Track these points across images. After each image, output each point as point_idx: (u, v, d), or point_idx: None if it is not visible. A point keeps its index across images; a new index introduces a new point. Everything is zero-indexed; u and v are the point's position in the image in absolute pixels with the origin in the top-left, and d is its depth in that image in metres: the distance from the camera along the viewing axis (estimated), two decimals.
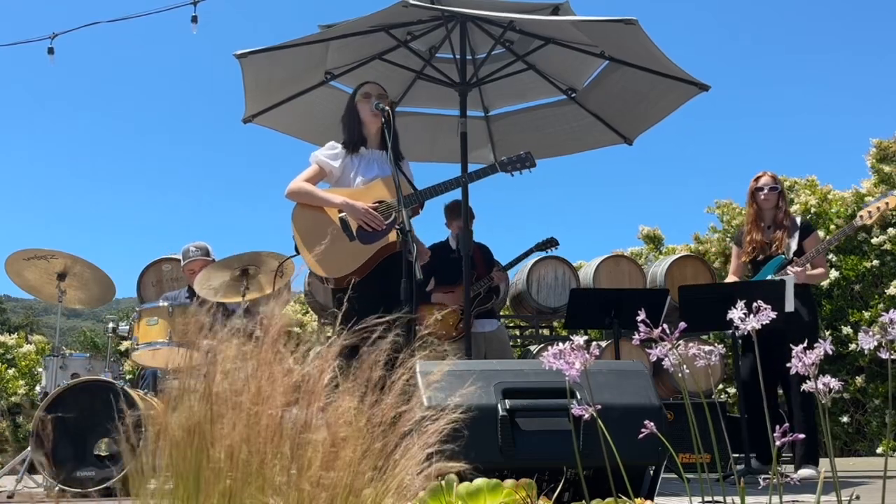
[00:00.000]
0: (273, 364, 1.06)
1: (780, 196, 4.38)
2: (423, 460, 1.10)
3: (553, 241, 5.54)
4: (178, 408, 1.02)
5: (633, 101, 4.97)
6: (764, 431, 3.83)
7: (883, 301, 7.64)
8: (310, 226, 3.50)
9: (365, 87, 3.72)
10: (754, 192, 4.39)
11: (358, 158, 3.64)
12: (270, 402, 1.02)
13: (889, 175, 8.26)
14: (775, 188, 4.35)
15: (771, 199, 4.34)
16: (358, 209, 3.45)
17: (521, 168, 3.83)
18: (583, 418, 1.45)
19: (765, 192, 4.34)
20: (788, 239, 4.25)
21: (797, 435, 1.37)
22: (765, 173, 4.42)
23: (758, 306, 1.39)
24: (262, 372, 1.05)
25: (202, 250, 4.88)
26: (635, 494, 2.09)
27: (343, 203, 3.47)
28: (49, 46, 6.11)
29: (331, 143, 3.72)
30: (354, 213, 3.46)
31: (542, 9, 4.48)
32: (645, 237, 10.28)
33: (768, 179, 4.37)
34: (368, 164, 3.64)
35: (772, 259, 4.28)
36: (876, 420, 7.57)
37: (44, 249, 4.37)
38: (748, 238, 4.39)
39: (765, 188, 4.35)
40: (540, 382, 2.31)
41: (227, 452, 0.97)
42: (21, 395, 8.52)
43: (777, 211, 4.35)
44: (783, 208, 4.35)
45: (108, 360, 4.29)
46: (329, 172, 3.62)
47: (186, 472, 0.96)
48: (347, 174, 3.61)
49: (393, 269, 3.34)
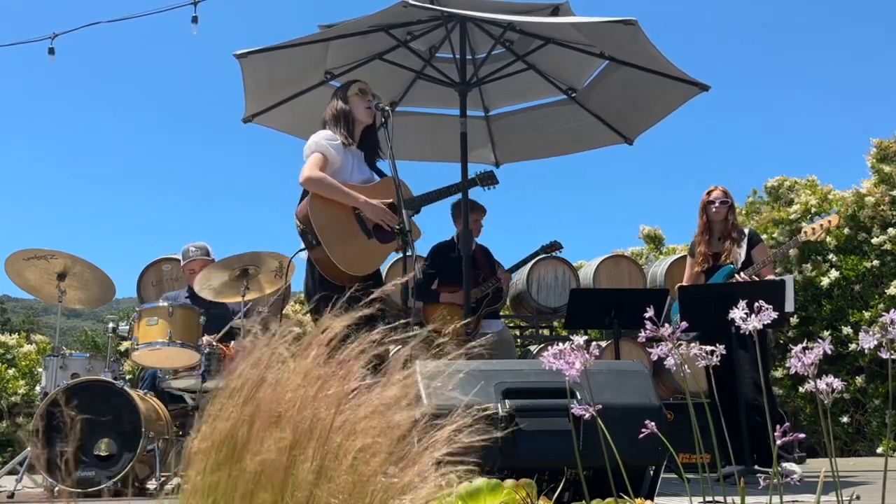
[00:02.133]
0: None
1: (730, 209, 4.57)
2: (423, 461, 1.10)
3: (557, 244, 5.55)
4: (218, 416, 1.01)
5: (634, 101, 4.97)
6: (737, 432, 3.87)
7: (883, 301, 7.64)
8: (330, 219, 3.40)
9: (360, 84, 3.66)
10: (706, 206, 4.56)
11: (351, 154, 3.57)
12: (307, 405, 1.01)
13: (889, 175, 8.25)
14: (725, 202, 4.53)
15: (721, 212, 4.52)
16: (378, 208, 3.40)
17: (486, 185, 3.98)
18: (583, 418, 1.45)
19: (716, 205, 4.51)
20: (738, 249, 4.44)
21: (798, 434, 1.37)
22: (716, 188, 4.60)
23: (759, 306, 1.39)
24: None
25: (202, 250, 4.88)
26: (635, 494, 2.09)
27: (364, 201, 3.39)
28: (49, 46, 6.12)
29: (327, 132, 3.56)
30: (374, 212, 3.40)
31: (541, 9, 4.48)
32: (646, 237, 10.28)
33: (719, 193, 4.55)
34: (359, 163, 3.59)
35: (721, 268, 4.44)
36: (876, 420, 7.57)
37: (44, 249, 4.36)
38: (700, 249, 4.55)
39: (716, 202, 4.52)
40: (540, 382, 2.31)
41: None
42: (21, 395, 8.51)
43: (726, 223, 4.53)
44: (731, 220, 4.55)
45: (108, 360, 4.29)
46: (332, 162, 3.47)
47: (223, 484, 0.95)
48: (346, 168, 3.53)
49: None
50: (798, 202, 8.52)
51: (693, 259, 4.63)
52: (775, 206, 8.96)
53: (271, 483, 0.98)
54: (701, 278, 4.53)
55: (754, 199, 9.58)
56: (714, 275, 4.46)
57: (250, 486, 0.97)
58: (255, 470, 0.98)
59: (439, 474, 1.10)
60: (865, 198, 8.11)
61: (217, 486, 0.97)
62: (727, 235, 4.49)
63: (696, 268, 4.55)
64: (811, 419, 7.89)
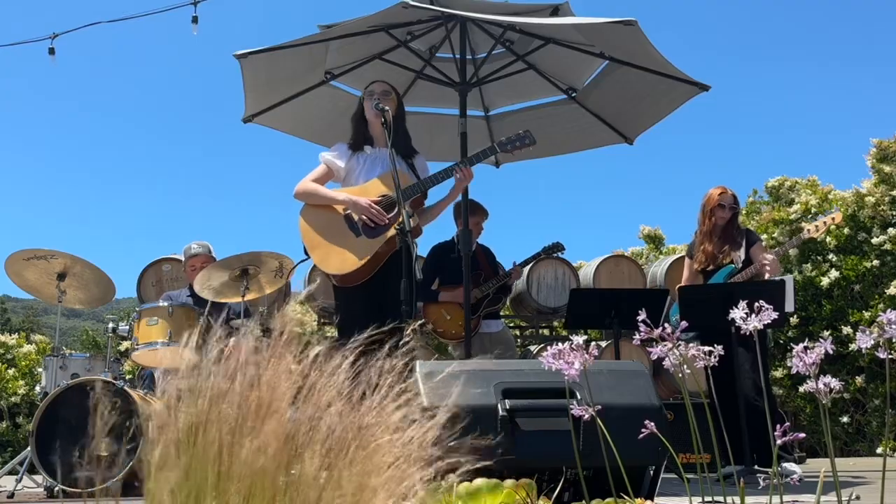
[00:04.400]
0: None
1: (735, 216, 4.56)
2: (423, 461, 1.10)
3: (559, 245, 5.56)
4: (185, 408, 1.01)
5: (634, 101, 4.97)
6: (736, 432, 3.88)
7: (883, 301, 7.64)
8: (319, 224, 3.54)
9: (370, 86, 3.77)
10: (713, 209, 4.51)
11: (364, 157, 3.67)
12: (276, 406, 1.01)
13: (889, 175, 8.25)
14: (735, 208, 4.53)
15: (726, 217, 4.51)
16: (360, 205, 3.48)
17: (521, 147, 3.81)
18: (583, 418, 1.45)
19: (726, 210, 4.50)
20: (738, 250, 4.43)
21: (798, 434, 1.37)
22: (725, 191, 4.56)
23: (759, 306, 1.39)
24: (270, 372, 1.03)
25: (205, 248, 4.89)
26: (635, 494, 2.09)
27: (346, 199, 3.51)
28: (50, 46, 6.12)
29: (339, 143, 3.77)
30: (357, 209, 3.49)
31: (541, 9, 4.48)
32: (646, 237, 10.28)
33: (730, 199, 4.53)
34: (374, 162, 3.66)
35: (721, 268, 4.43)
36: (876, 420, 7.57)
37: (44, 249, 4.36)
38: (701, 248, 4.53)
39: (726, 206, 4.50)
40: (540, 382, 2.31)
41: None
42: (21, 395, 8.51)
43: (731, 227, 4.52)
44: (736, 224, 4.54)
45: (108, 360, 4.29)
46: (336, 172, 3.67)
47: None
48: (353, 173, 3.65)
49: (392, 275, 3.36)
50: (798, 202, 8.52)
51: (692, 260, 4.61)
52: (776, 206, 8.96)
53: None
54: (700, 278, 4.53)
55: (755, 199, 9.58)
56: (714, 275, 4.45)
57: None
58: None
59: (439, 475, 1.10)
60: (865, 198, 8.11)
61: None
62: (729, 237, 4.47)
63: (695, 266, 4.52)
64: (811, 419, 7.89)
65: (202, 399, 0.99)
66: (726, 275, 4.38)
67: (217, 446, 0.96)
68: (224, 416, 0.98)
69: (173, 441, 0.98)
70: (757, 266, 4.30)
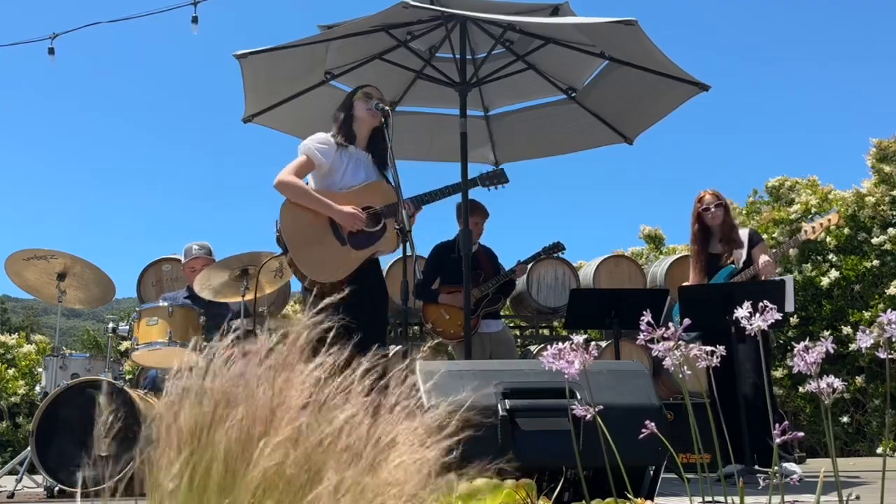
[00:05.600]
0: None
1: (726, 211, 4.48)
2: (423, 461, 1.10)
3: (560, 245, 5.55)
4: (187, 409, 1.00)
5: (634, 101, 4.97)
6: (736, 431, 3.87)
7: (883, 301, 7.63)
8: (300, 225, 3.42)
9: (368, 89, 3.70)
10: (700, 213, 4.47)
11: (347, 156, 3.57)
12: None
13: (889, 175, 8.25)
14: (720, 204, 4.45)
15: (718, 216, 4.44)
16: (347, 216, 3.41)
17: (496, 184, 3.90)
18: (583, 418, 1.45)
19: (711, 210, 4.44)
20: (739, 250, 4.39)
21: (797, 433, 1.37)
22: (706, 192, 4.50)
23: (763, 306, 1.39)
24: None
25: (205, 249, 4.88)
26: (635, 494, 2.09)
27: (335, 211, 3.41)
28: (49, 46, 6.12)
29: (321, 134, 3.58)
30: (344, 220, 3.42)
31: (541, 9, 4.48)
32: (646, 237, 10.28)
33: (711, 198, 4.46)
34: (357, 165, 3.58)
35: (723, 269, 4.42)
36: (876, 420, 7.57)
37: (44, 249, 4.36)
38: (699, 257, 4.50)
39: (710, 206, 4.44)
40: (540, 382, 2.31)
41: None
42: (21, 395, 8.51)
43: (724, 224, 4.45)
44: (729, 222, 4.46)
45: (108, 360, 4.29)
46: (318, 165, 3.49)
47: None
48: (336, 171, 3.53)
49: (375, 278, 3.35)
50: (798, 202, 8.51)
51: (695, 268, 4.60)
52: (776, 206, 8.96)
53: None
54: (704, 281, 4.53)
55: (755, 199, 9.58)
56: (716, 276, 4.45)
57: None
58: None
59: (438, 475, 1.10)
60: (865, 198, 8.11)
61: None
62: (727, 236, 4.45)
63: (698, 277, 4.50)
64: (811, 419, 7.89)
65: (208, 400, 0.99)
66: (727, 275, 4.39)
67: (224, 448, 0.95)
68: (233, 418, 0.97)
69: (176, 442, 0.98)
70: (755, 267, 4.30)
